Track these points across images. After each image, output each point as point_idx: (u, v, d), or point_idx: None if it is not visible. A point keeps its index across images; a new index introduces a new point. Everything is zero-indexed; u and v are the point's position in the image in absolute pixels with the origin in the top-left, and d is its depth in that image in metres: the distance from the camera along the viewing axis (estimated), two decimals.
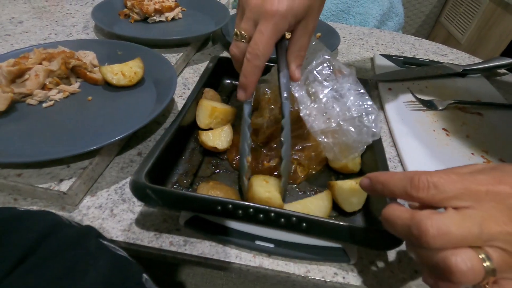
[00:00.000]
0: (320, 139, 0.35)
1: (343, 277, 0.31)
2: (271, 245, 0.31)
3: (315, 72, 0.37)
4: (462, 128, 0.50)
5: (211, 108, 0.42)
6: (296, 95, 0.36)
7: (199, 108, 0.42)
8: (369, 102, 0.36)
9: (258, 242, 0.31)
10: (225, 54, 0.67)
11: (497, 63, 0.67)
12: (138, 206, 0.35)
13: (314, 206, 0.33)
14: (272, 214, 0.29)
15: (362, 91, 0.37)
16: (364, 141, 0.35)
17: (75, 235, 0.25)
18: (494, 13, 1.23)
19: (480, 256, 0.20)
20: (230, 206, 0.29)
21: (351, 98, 0.36)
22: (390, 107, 0.53)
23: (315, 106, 0.36)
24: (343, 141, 0.35)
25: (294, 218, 0.28)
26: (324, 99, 0.36)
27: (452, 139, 0.47)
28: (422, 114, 0.52)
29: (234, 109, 0.44)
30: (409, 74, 0.62)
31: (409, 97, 0.56)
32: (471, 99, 0.57)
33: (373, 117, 0.36)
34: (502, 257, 0.20)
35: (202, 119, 0.42)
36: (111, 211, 0.34)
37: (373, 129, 0.35)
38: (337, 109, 0.35)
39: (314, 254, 0.31)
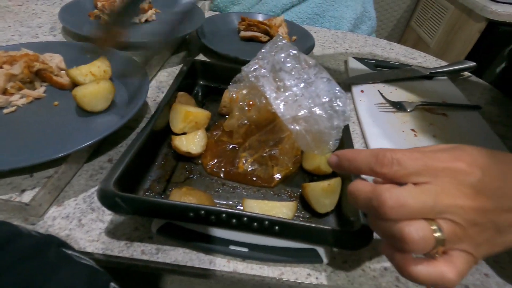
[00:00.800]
0: (292, 127, 0.35)
1: (316, 278, 0.31)
2: (245, 249, 0.31)
3: (282, 64, 0.38)
4: (429, 128, 0.52)
5: (184, 112, 0.41)
6: (266, 87, 0.37)
7: (173, 112, 0.42)
8: (337, 88, 0.37)
9: (232, 247, 0.31)
10: (201, 56, 0.66)
11: (461, 66, 0.71)
12: (108, 215, 0.34)
13: (278, 211, 0.33)
14: (245, 218, 0.29)
15: (329, 78, 0.38)
16: (336, 125, 0.36)
17: (33, 245, 0.23)
18: (459, 18, 1.30)
19: (432, 227, 0.21)
20: (203, 212, 0.28)
21: (320, 85, 0.37)
22: (362, 109, 0.55)
23: (286, 94, 0.36)
24: (315, 128, 0.35)
25: (267, 222, 0.28)
26: (293, 88, 0.36)
27: (420, 139, 0.49)
28: (392, 116, 0.54)
29: (209, 113, 0.43)
30: (380, 76, 0.64)
31: (380, 99, 0.58)
32: (438, 101, 0.59)
33: (342, 100, 0.36)
34: (451, 229, 0.21)
35: (176, 124, 0.41)
36: (79, 221, 0.33)
37: (344, 112, 0.36)
38: (307, 96, 0.36)
39: (288, 256, 0.31)
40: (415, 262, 0.22)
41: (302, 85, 0.36)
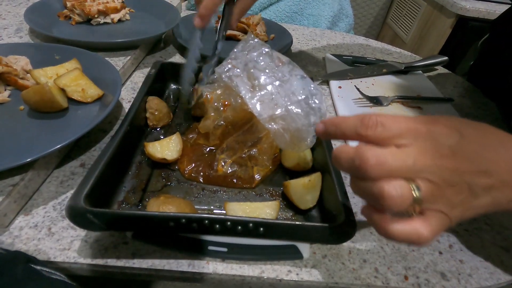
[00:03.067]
0: (269, 126, 0.35)
1: (297, 274, 0.31)
2: (224, 249, 0.31)
3: (255, 63, 0.37)
4: None
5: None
6: (240, 87, 0.36)
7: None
8: (312, 85, 0.37)
9: (210, 248, 0.31)
10: (177, 57, 0.65)
11: (434, 61, 0.73)
12: None
13: (261, 212, 0.33)
14: (229, 223, 0.28)
15: (303, 75, 0.38)
16: (313, 122, 0.36)
17: None
18: (432, 15, 1.34)
19: (411, 186, 0.21)
20: (184, 220, 0.27)
21: (295, 82, 0.37)
22: (340, 104, 0.56)
23: (262, 93, 0.36)
24: (292, 126, 0.35)
25: (251, 224, 0.28)
26: (268, 87, 0.36)
27: None
28: (369, 110, 0.55)
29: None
30: (357, 72, 0.65)
31: (357, 94, 0.58)
32: (412, 94, 0.61)
33: (317, 97, 0.36)
34: (429, 188, 0.22)
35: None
36: (48, 230, 0.31)
37: (320, 109, 0.36)
38: (283, 95, 0.36)
39: (268, 254, 0.31)
40: (392, 221, 0.23)
41: (277, 83, 0.36)
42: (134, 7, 0.73)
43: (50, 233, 0.31)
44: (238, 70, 0.37)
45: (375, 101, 0.57)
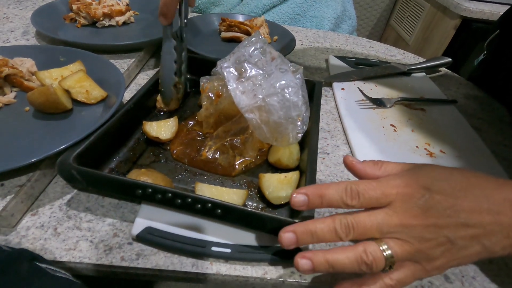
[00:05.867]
0: (247, 116, 0.36)
1: (300, 275, 0.31)
2: (228, 250, 0.31)
3: (248, 57, 0.39)
4: (408, 123, 0.53)
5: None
6: (225, 74, 0.38)
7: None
8: (291, 78, 0.37)
9: (214, 248, 0.31)
10: None
11: (437, 62, 0.73)
12: (85, 222, 0.33)
13: (227, 197, 0.34)
14: (189, 199, 0.30)
15: (287, 69, 0.38)
16: (289, 116, 0.36)
17: (4, 260, 0.22)
18: (435, 16, 1.34)
19: (381, 247, 0.25)
20: (150, 190, 0.30)
21: (277, 76, 0.37)
22: (343, 106, 0.56)
23: (245, 84, 0.37)
24: (270, 118, 0.36)
25: (210, 204, 0.30)
26: (253, 79, 0.37)
27: (399, 134, 0.50)
28: (372, 112, 0.55)
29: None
30: (360, 74, 0.65)
31: (360, 96, 0.59)
32: (415, 96, 0.61)
33: (293, 90, 0.36)
34: (399, 246, 0.25)
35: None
36: (54, 230, 0.32)
37: (297, 103, 0.36)
38: (264, 87, 0.37)
39: (271, 255, 0.31)
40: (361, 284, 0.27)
41: (261, 76, 0.37)
42: (139, 10, 0.73)
43: (56, 233, 0.32)
44: (228, 62, 0.38)
45: (378, 103, 0.57)
